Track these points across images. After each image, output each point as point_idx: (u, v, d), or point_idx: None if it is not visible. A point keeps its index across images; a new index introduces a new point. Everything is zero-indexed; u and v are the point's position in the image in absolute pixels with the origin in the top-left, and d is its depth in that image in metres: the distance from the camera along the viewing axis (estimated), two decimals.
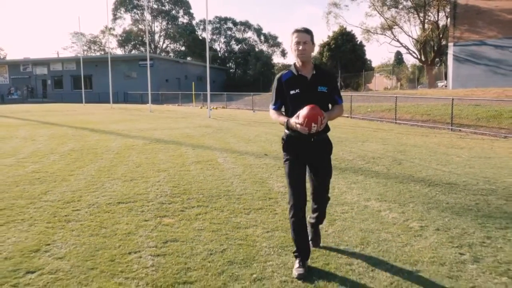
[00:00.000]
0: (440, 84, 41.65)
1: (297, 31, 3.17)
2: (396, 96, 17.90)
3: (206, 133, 12.94)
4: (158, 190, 5.74)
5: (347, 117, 19.22)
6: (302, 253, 3.21)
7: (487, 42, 30.06)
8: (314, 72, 3.21)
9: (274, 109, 3.34)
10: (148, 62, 27.81)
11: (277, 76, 3.32)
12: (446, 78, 37.07)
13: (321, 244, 3.66)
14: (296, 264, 3.18)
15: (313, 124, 2.93)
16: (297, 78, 3.19)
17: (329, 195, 3.55)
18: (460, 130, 13.80)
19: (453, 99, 14.68)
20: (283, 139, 3.30)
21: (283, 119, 3.19)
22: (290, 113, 3.21)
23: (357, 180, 6.27)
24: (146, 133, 12.98)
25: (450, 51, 32.77)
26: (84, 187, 5.92)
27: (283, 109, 3.37)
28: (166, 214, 4.66)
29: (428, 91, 29.80)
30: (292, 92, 3.18)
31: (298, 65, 3.23)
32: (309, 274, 3.13)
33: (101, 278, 3.10)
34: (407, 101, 20.61)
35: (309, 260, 3.29)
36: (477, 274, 3.13)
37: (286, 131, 3.25)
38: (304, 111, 2.96)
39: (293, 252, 3.28)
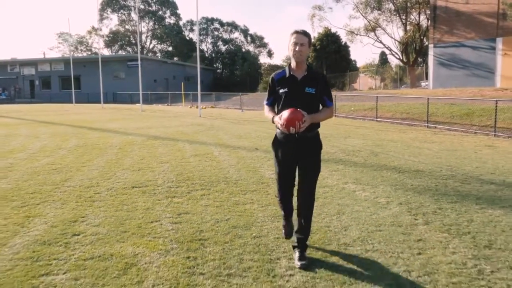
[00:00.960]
0: (423, 84, 43.00)
1: (296, 32, 3.31)
2: (377, 96, 18.96)
3: (199, 130, 13.79)
4: (165, 177, 6.59)
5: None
6: (287, 214, 3.69)
7: (465, 44, 31.37)
8: (306, 73, 3.36)
9: (267, 104, 3.57)
10: (140, 62, 28.37)
11: (272, 74, 3.54)
12: (427, 79, 38.44)
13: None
14: (283, 222, 3.73)
15: (291, 128, 3.15)
16: (288, 78, 3.38)
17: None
18: (435, 127, 14.86)
19: (428, 98, 15.76)
20: (275, 135, 3.57)
21: (270, 115, 3.43)
22: (278, 110, 3.44)
23: (337, 169, 7.20)
24: (143, 131, 13.79)
25: (431, 52, 34.06)
26: (98, 176, 6.74)
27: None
28: (175, 195, 5.52)
29: (409, 91, 31.01)
30: (281, 90, 3.37)
31: (292, 66, 3.41)
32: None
33: (134, 238, 3.96)
34: (388, 100, 21.69)
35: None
36: (425, 231, 4.07)
37: (277, 129, 3.47)
38: (285, 114, 3.19)
39: (282, 215, 3.75)
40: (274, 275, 3.16)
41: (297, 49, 3.26)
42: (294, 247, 3.48)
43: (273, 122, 3.37)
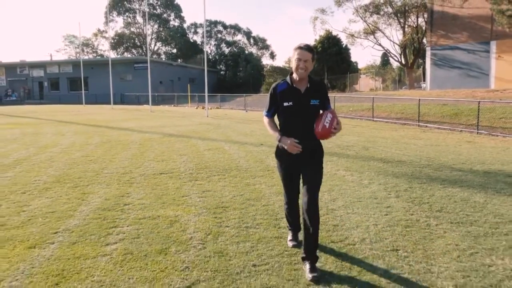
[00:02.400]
0: (423, 85, 44.22)
1: (300, 48, 3.28)
2: (373, 97, 20.16)
3: (208, 129, 15.05)
4: (186, 166, 7.83)
5: None
6: (294, 229, 3.88)
7: (460, 46, 32.59)
8: (308, 85, 3.36)
9: (267, 115, 3.53)
10: (149, 65, 29.71)
11: (273, 85, 3.49)
12: (425, 80, 39.64)
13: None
14: (290, 236, 3.88)
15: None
16: (291, 90, 3.35)
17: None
18: (426, 126, 16.08)
19: (419, 99, 17.01)
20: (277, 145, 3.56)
21: (276, 135, 3.40)
22: (281, 124, 3.47)
23: (332, 160, 8.43)
24: (157, 129, 15.05)
25: (428, 54, 35.29)
26: (129, 165, 7.99)
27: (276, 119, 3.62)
28: (197, 179, 6.76)
29: (406, 92, 32.20)
30: (285, 104, 3.33)
31: (294, 77, 3.37)
32: None
33: (172, 206, 5.20)
34: (385, 101, 22.95)
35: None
36: (394, 202, 5.30)
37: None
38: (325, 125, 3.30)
39: (287, 226, 3.99)
40: (279, 227, 4.39)
41: (301, 65, 3.25)
42: (303, 258, 3.35)
43: (279, 141, 3.39)
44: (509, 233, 4.14)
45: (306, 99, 3.33)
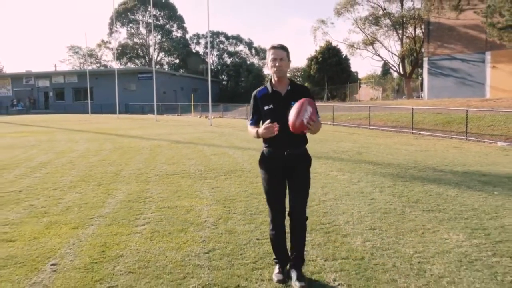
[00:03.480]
0: (423, 95, 45.16)
1: (273, 47, 3.24)
2: (369, 106, 21.06)
3: (212, 136, 15.93)
4: (195, 168, 8.69)
5: (330, 124, 22.33)
6: (281, 262, 3.43)
7: (456, 56, 33.52)
8: (289, 87, 3.29)
9: (250, 124, 3.42)
10: (154, 75, 30.83)
11: (254, 92, 3.43)
12: (422, 90, 40.61)
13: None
14: (276, 270, 3.40)
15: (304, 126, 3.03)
16: (271, 94, 3.29)
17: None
18: (420, 133, 16.93)
19: (413, 108, 17.86)
20: (261, 153, 3.45)
21: (255, 131, 3.28)
22: None
23: (327, 162, 9.29)
24: (164, 136, 15.94)
25: (425, 65, 36.22)
26: (144, 167, 8.86)
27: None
28: (206, 178, 7.62)
29: (404, 102, 33.08)
30: (266, 107, 3.27)
31: (274, 81, 3.31)
32: None
33: (186, 198, 6.05)
34: (383, 110, 23.83)
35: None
36: (377, 196, 6.14)
37: (263, 147, 3.40)
38: (290, 117, 3.06)
39: (273, 259, 3.52)
40: None
41: (276, 64, 3.20)
42: (290, 266, 3.38)
43: (258, 136, 3.24)
44: (469, 218, 4.99)
45: (286, 101, 3.20)
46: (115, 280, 3.34)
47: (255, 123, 3.40)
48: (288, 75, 3.44)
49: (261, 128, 3.15)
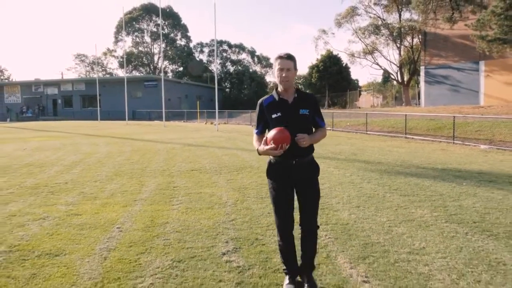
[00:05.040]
0: (421, 102, 46.57)
1: (280, 57, 3.19)
2: (366, 113, 22.38)
3: (220, 140, 17.26)
4: (210, 166, 10.00)
5: (329, 129, 23.64)
6: (291, 273, 3.38)
7: (452, 66, 34.89)
8: (296, 95, 3.25)
9: (256, 133, 3.38)
10: (163, 83, 32.02)
11: (259, 101, 3.36)
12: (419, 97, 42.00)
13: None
14: (286, 280, 3.39)
15: (283, 145, 2.99)
16: (278, 102, 3.24)
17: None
18: (412, 138, 18.22)
19: (406, 115, 19.19)
20: (268, 163, 3.39)
21: (257, 145, 3.25)
22: None
23: (325, 161, 10.59)
24: (176, 140, 17.28)
25: (422, 73, 37.60)
26: (165, 165, 10.17)
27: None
28: (221, 173, 8.92)
29: (401, 108, 34.40)
30: (274, 115, 3.21)
31: (280, 90, 3.28)
32: None
33: (208, 187, 7.36)
34: (381, 116, 25.15)
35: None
36: (365, 185, 7.44)
37: (270, 157, 3.32)
38: (270, 134, 3.05)
39: (283, 269, 3.48)
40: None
41: (283, 75, 3.17)
42: (299, 272, 3.37)
43: (259, 154, 3.23)
44: (436, 200, 6.28)
45: (294, 109, 3.21)
46: (167, 236, 4.65)
47: (261, 132, 3.37)
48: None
49: (263, 147, 3.09)
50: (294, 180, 3.27)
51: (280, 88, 3.28)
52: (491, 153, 12.76)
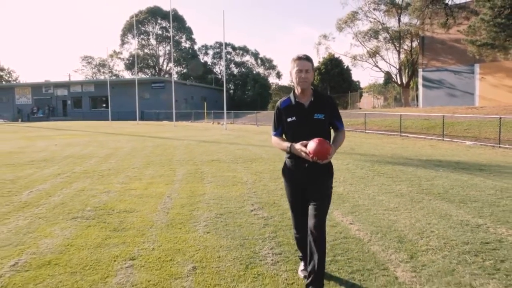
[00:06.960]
0: (419, 103, 48.14)
1: (299, 58, 3.17)
2: (365, 113, 23.96)
3: (230, 138, 18.87)
4: (226, 157, 11.59)
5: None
6: (306, 259, 3.41)
7: (449, 68, 36.43)
8: (312, 98, 3.23)
9: (275, 135, 3.41)
10: (173, 85, 33.62)
11: (277, 103, 3.38)
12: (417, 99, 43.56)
13: None
14: (301, 266, 3.62)
15: (319, 160, 3.02)
16: (294, 105, 3.25)
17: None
18: (407, 136, 19.79)
19: (401, 115, 20.77)
20: (284, 163, 3.46)
21: (286, 144, 3.23)
22: (289, 139, 3.29)
23: None
24: (190, 138, 18.89)
25: (420, 75, 39.14)
26: (187, 157, 11.77)
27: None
28: (237, 163, 10.51)
29: (399, 109, 35.96)
30: (289, 119, 3.24)
31: (297, 92, 3.26)
32: None
33: (229, 172, 8.94)
34: (379, 116, 26.74)
35: None
36: (359, 171, 9.02)
37: (286, 158, 3.40)
38: (312, 146, 3.00)
39: (298, 256, 3.73)
40: None
41: (302, 76, 3.16)
42: (307, 286, 3.21)
43: (289, 152, 3.23)
44: (414, 180, 7.86)
45: (309, 113, 3.20)
46: (208, 202, 6.25)
47: (280, 134, 3.38)
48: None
49: (298, 146, 3.10)
50: (304, 183, 3.31)
51: (297, 90, 3.28)
52: (474, 148, 14.34)
